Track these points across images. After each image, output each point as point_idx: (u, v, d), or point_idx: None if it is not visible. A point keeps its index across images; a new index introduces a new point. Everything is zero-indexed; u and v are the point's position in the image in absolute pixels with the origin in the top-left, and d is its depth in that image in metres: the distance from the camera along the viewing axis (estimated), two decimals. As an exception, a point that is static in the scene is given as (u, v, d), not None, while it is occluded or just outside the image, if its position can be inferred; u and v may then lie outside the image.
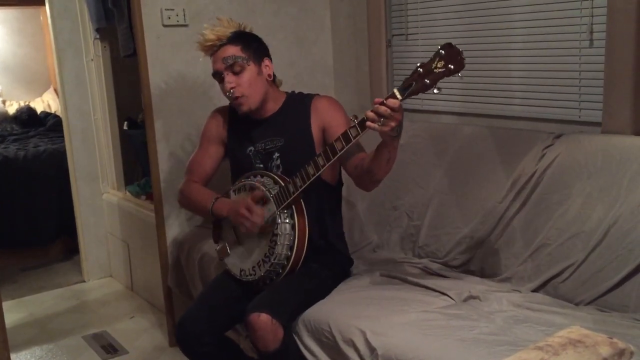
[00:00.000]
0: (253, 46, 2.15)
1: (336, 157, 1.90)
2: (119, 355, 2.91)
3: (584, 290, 1.95)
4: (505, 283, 2.13)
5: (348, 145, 1.86)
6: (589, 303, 1.93)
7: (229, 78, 2.10)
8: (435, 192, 2.48)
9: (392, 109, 1.69)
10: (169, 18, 2.76)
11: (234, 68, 2.09)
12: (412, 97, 1.72)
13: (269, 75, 2.18)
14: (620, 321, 1.79)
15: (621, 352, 1.00)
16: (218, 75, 2.14)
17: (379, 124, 1.71)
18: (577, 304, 1.95)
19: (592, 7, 2.17)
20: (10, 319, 3.13)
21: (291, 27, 3.11)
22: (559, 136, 2.21)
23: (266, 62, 2.18)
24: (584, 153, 2.08)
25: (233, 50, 2.10)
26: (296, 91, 2.30)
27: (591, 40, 2.20)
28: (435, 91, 1.69)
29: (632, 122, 2.08)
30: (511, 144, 2.32)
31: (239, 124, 2.26)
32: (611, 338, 1.02)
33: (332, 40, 3.22)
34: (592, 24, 2.19)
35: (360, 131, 1.81)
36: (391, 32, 2.95)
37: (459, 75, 1.69)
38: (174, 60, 2.80)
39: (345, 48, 3.16)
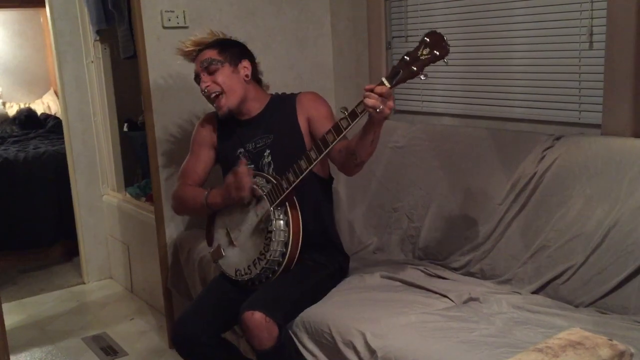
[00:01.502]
0: (230, 50, 2.24)
1: (329, 149, 1.92)
2: (118, 357, 2.90)
3: (584, 292, 1.95)
4: (505, 285, 2.13)
5: (340, 137, 1.89)
6: (589, 305, 1.93)
7: (205, 78, 2.21)
8: (435, 194, 2.48)
9: (381, 95, 1.75)
10: (169, 20, 2.76)
11: (210, 69, 2.19)
12: (401, 84, 1.77)
13: (247, 76, 2.24)
14: (620, 323, 1.79)
15: (621, 354, 1.00)
16: (197, 77, 2.25)
17: (379, 109, 1.76)
18: (577, 306, 1.95)
19: (592, 10, 2.18)
20: (10, 321, 3.13)
21: (291, 29, 3.10)
22: (558, 138, 2.21)
23: (244, 63, 2.25)
24: (584, 155, 2.08)
25: (210, 54, 2.22)
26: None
27: (591, 42, 2.20)
28: (422, 77, 1.75)
29: (632, 124, 2.08)
30: (511, 146, 2.32)
31: (227, 127, 2.31)
32: (611, 340, 1.02)
33: (332, 42, 3.22)
34: (592, 26, 2.19)
35: (350, 122, 1.84)
36: (391, 34, 2.95)
37: (444, 61, 1.74)
38: (174, 62, 2.78)
39: (346, 50, 3.16)
